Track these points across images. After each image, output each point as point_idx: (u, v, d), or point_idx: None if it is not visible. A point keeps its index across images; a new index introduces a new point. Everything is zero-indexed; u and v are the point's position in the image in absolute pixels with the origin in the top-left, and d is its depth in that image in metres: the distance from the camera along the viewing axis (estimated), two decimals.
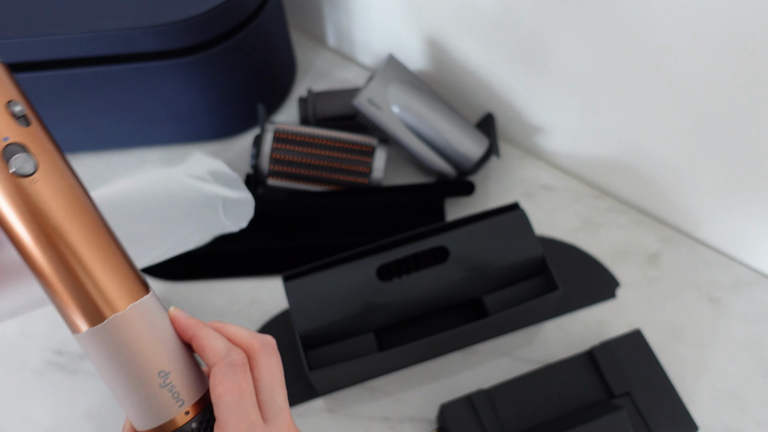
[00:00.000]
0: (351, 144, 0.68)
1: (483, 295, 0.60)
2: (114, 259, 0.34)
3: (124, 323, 0.33)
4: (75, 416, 0.60)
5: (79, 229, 0.33)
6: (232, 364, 0.34)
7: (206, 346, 0.35)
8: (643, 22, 0.52)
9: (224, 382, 0.34)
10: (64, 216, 0.32)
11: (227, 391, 0.33)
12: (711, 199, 0.62)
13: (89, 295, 0.33)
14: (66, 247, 0.32)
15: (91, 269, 0.33)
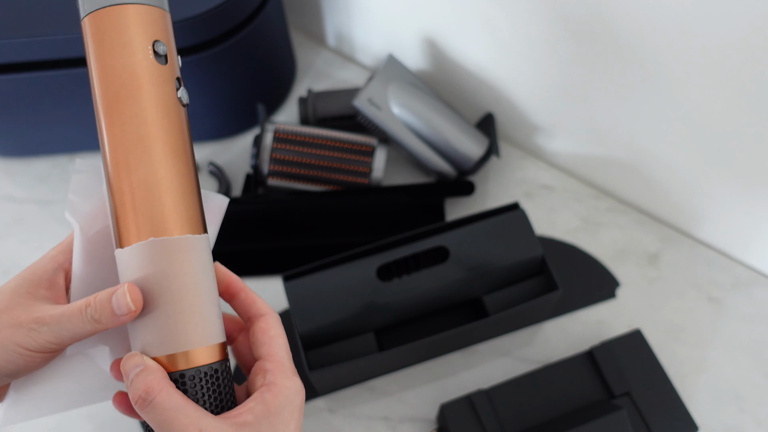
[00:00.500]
0: (351, 144, 0.68)
1: (483, 295, 0.60)
2: (194, 195, 0.37)
3: (199, 244, 0.36)
4: (75, 416, 0.60)
5: (189, 159, 0.37)
6: (279, 319, 0.38)
7: (256, 299, 0.39)
8: (642, 24, 0.52)
9: (277, 328, 0.38)
10: (189, 143, 0.37)
11: (280, 335, 0.37)
12: (711, 199, 0.62)
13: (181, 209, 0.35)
14: (183, 165, 0.36)
15: (183, 193, 0.36)
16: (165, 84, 0.35)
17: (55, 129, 0.72)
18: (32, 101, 0.67)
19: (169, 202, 0.35)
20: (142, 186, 0.34)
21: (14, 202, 0.73)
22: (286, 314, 0.64)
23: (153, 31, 0.35)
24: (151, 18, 0.36)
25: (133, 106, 0.35)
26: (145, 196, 0.34)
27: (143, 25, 0.35)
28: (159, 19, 0.36)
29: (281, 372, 0.35)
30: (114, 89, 0.35)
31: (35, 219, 0.72)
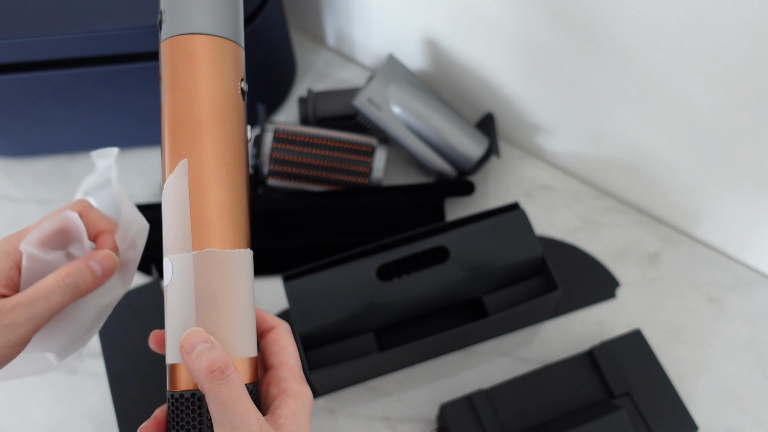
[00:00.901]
0: (351, 144, 0.68)
1: (483, 295, 0.60)
2: (248, 216, 0.39)
3: (245, 259, 0.38)
4: (75, 416, 0.60)
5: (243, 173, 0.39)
6: (290, 329, 0.40)
7: (265, 313, 0.40)
8: (643, 24, 0.52)
9: (287, 338, 0.39)
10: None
11: (291, 345, 0.39)
12: (711, 199, 0.62)
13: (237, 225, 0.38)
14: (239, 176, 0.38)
15: (246, 213, 0.39)
16: (244, 119, 0.39)
17: (55, 129, 0.72)
18: (32, 101, 0.67)
19: (235, 220, 0.37)
20: (222, 205, 0.37)
21: (14, 202, 0.73)
22: (286, 314, 0.64)
23: (241, 69, 0.39)
24: (239, 56, 0.39)
25: (223, 132, 0.37)
26: (221, 213, 0.37)
27: (236, 61, 0.39)
28: (242, 59, 0.40)
29: (295, 379, 0.37)
30: (205, 111, 0.37)
31: (35, 219, 0.72)
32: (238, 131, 0.39)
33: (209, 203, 0.37)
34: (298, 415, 0.36)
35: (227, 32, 0.38)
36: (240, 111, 0.39)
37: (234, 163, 0.38)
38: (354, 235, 0.68)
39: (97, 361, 0.63)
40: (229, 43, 0.38)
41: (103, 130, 0.73)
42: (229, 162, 0.37)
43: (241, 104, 0.39)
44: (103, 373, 0.62)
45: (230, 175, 0.37)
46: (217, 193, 0.37)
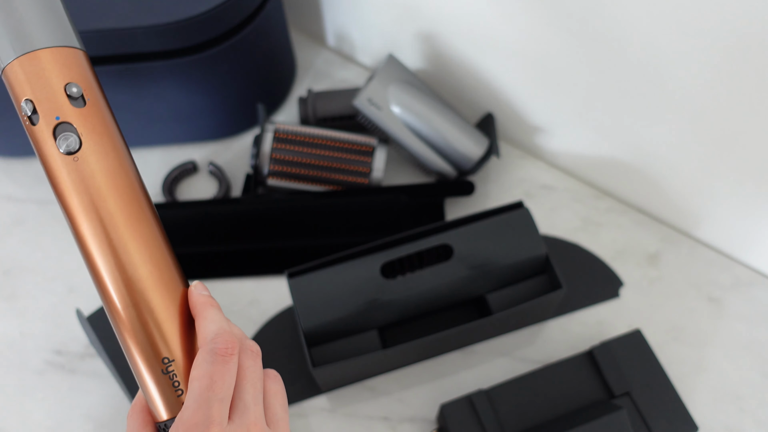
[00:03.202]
0: (351, 144, 0.68)
1: (486, 294, 0.60)
2: (154, 244, 0.35)
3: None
4: (75, 416, 0.60)
5: (115, 207, 0.34)
6: (213, 351, 0.33)
7: (200, 327, 0.35)
8: (643, 24, 0.52)
9: (197, 368, 0.33)
10: (100, 194, 0.34)
11: (196, 378, 0.33)
12: (711, 199, 0.62)
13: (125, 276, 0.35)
14: (101, 222, 0.34)
15: (126, 248, 0.34)
16: (45, 144, 0.34)
17: None
18: None
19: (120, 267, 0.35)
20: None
21: (14, 202, 0.73)
22: (290, 311, 0.64)
23: (19, 92, 0.34)
24: (15, 77, 0.34)
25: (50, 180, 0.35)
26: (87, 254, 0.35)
27: (12, 90, 0.34)
28: (23, 73, 0.34)
29: (174, 426, 0.32)
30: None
31: (35, 219, 0.72)
32: (43, 159, 0.34)
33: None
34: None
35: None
36: (32, 136, 0.34)
37: (59, 194, 0.34)
38: (354, 235, 0.68)
39: (97, 361, 0.63)
40: (14, 62, 0.33)
41: None
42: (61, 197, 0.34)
43: (29, 129, 0.34)
44: (104, 373, 0.62)
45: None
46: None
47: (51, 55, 0.34)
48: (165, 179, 0.72)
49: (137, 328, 0.34)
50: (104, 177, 0.34)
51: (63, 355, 0.63)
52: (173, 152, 0.75)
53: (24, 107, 0.33)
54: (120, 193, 0.34)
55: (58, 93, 0.33)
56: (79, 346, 0.64)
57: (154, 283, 0.35)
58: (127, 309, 0.34)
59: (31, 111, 0.33)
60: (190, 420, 0.31)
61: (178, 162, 0.74)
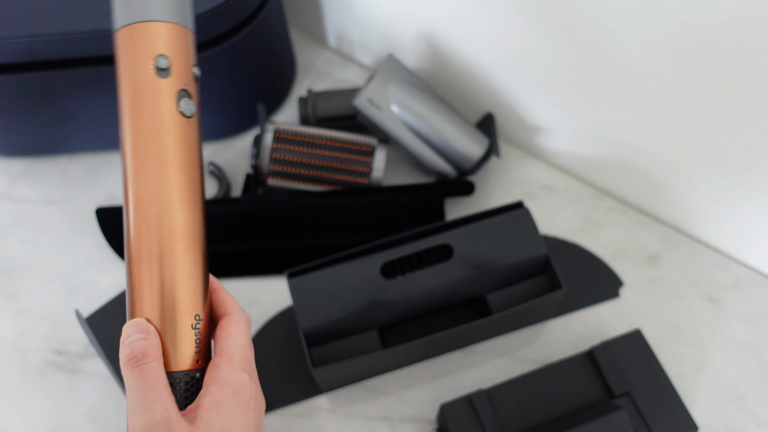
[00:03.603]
0: (351, 144, 0.68)
1: (487, 294, 0.60)
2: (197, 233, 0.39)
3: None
4: (75, 416, 0.60)
5: (196, 169, 0.39)
6: (246, 319, 0.39)
7: (227, 298, 0.40)
8: (643, 24, 0.52)
9: (238, 326, 0.39)
10: (194, 155, 0.40)
11: (239, 333, 0.38)
12: (711, 199, 0.62)
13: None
14: (191, 177, 0.39)
15: (198, 206, 0.39)
16: (165, 97, 0.38)
17: (55, 129, 0.72)
18: (32, 101, 0.67)
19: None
20: (144, 194, 0.37)
21: (14, 202, 0.73)
22: (290, 311, 0.64)
23: (157, 46, 0.38)
24: (156, 33, 0.38)
25: (134, 120, 0.38)
26: (142, 205, 0.37)
27: (147, 41, 0.38)
28: (165, 33, 0.38)
29: (229, 366, 0.37)
30: (123, 104, 0.38)
31: (35, 219, 0.72)
32: (152, 114, 0.38)
33: (132, 192, 0.38)
34: (221, 404, 0.35)
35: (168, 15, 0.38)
36: (153, 91, 0.38)
37: (150, 148, 0.37)
38: (354, 235, 0.68)
39: (97, 361, 0.63)
40: (138, 25, 0.38)
41: (103, 130, 0.73)
42: (141, 149, 0.37)
43: (156, 83, 0.38)
44: (104, 373, 0.62)
45: (146, 163, 0.38)
46: (140, 184, 0.38)
47: (190, 36, 0.40)
48: None
49: (190, 276, 0.38)
50: (196, 144, 0.40)
51: (63, 355, 0.63)
52: None
53: (159, 60, 0.38)
54: (197, 158, 0.40)
55: (190, 66, 0.39)
56: (79, 346, 0.64)
57: (198, 242, 0.38)
58: (192, 259, 0.38)
59: (165, 66, 0.38)
60: (244, 363, 0.38)
61: None
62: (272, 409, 0.60)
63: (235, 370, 0.37)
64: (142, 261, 0.37)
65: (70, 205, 0.72)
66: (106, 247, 0.69)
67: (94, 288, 0.67)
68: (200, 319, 0.38)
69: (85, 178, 0.74)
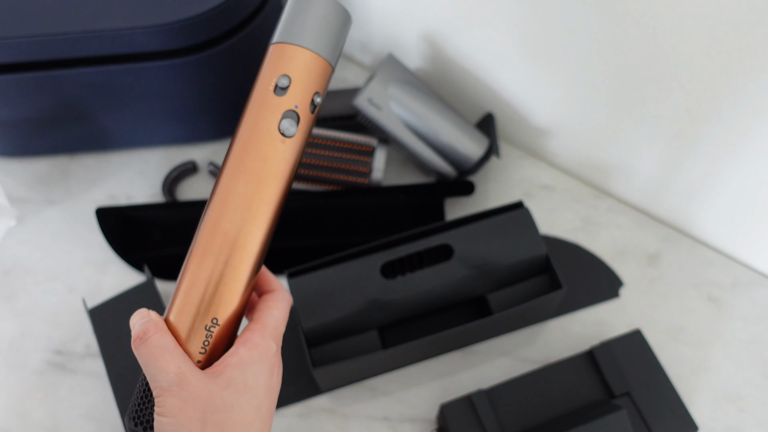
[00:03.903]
0: (351, 144, 0.68)
1: (487, 294, 0.60)
2: (268, 229, 0.42)
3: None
4: (75, 416, 0.60)
5: (275, 187, 0.41)
6: (288, 299, 0.42)
7: (272, 278, 0.43)
8: (643, 24, 0.52)
9: (279, 303, 0.41)
10: (279, 174, 0.41)
11: (278, 308, 0.40)
12: (711, 199, 0.62)
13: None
14: (257, 192, 0.40)
15: (254, 220, 0.41)
16: (271, 113, 0.40)
17: (55, 129, 0.72)
18: (32, 101, 0.67)
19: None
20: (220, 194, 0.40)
21: (14, 202, 0.73)
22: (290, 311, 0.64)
23: (287, 67, 0.40)
24: (294, 57, 0.41)
25: (242, 126, 0.41)
26: (215, 204, 0.40)
27: (283, 61, 0.41)
28: (302, 59, 0.41)
29: (261, 333, 0.38)
30: (245, 110, 0.42)
31: (35, 219, 0.72)
32: (258, 134, 0.40)
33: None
34: (246, 363, 0.37)
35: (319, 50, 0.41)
36: (266, 105, 0.40)
37: (246, 166, 0.40)
38: (354, 235, 0.68)
39: (97, 361, 0.63)
40: (280, 46, 0.41)
41: (103, 130, 0.73)
42: (239, 165, 0.40)
43: (271, 98, 0.40)
44: (103, 373, 0.62)
45: (235, 170, 0.40)
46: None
47: (323, 67, 0.41)
48: (165, 179, 0.72)
49: (231, 284, 0.39)
50: (287, 164, 0.40)
51: (63, 355, 0.63)
52: (173, 152, 0.75)
53: (281, 79, 0.40)
54: (284, 177, 0.41)
55: (310, 93, 0.41)
56: (79, 346, 0.64)
57: (250, 254, 0.40)
58: (219, 262, 0.39)
59: (285, 86, 0.40)
60: (275, 334, 0.39)
61: (178, 162, 0.74)
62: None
63: (265, 338, 0.38)
64: (198, 254, 0.39)
65: (70, 205, 0.72)
66: (106, 247, 0.69)
67: (94, 288, 0.67)
68: (217, 324, 0.38)
69: (85, 178, 0.74)
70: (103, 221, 0.69)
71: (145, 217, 0.70)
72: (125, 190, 0.73)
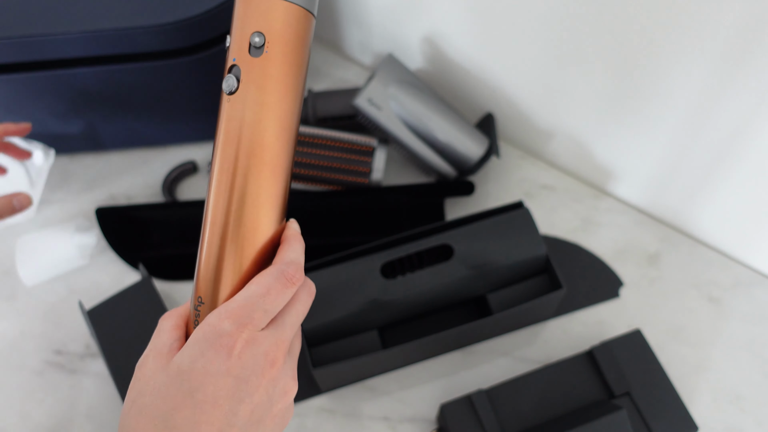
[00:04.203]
0: (351, 144, 0.68)
1: (487, 294, 0.60)
2: (267, 200, 0.37)
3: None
4: (75, 416, 0.60)
5: (247, 152, 0.36)
6: (282, 272, 0.36)
7: (282, 250, 0.37)
8: (643, 23, 0.52)
9: (262, 277, 0.36)
10: (242, 135, 0.36)
11: (255, 283, 0.35)
12: (711, 199, 0.62)
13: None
14: (226, 159, 0.36)
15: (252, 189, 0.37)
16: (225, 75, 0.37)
17: (55, 129, 0.72)
18: (32, 101, 0.67)
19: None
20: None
21: None
22: None
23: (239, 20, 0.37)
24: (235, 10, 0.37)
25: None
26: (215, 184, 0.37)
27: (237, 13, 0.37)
28: (234, 9, 0.37)
29: (217, 311, 0.35)
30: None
31: (35, 219, 0.72)
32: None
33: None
34: (190, 345, 0.34)
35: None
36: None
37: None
38: (354, 235, 0.68)
39: (98, 361, 0.63)
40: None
41: (103, 130, 0.73)
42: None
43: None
44: (103, 373, 0.62)
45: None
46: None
47: (262, 3, 0.36)
48: (165, 179, 0.72)
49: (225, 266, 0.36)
50: (247, 124, 0.36)
51: (63, 355, 0.63)
52: (173, 152, 0.76)
53: (228, 38, 0.37)
54: (258, 141, 0.36)
55: (245, 38, 0.36)
56: (79, 346, 0.64)
57: (246, 235, 0.36)
58: (239, 257, 0.36)
59: (228, 45, 0.37)
60: (234, 312, 0.34)
61: (178, 162, 0.74)
62: None
63: (217, 316, 0.34)
64: (206, 241, 0.37)
65: (70, 205, 0.72)
66: (106, 247, 0.69)
67: (95, 288, 0.67)
68: (202, 302, 0.37)
69: (85, 178, 0.74)
70: (103, 221, 0.69)
71: (144, 217, 0.70)
72: (125, 190, 0.73)
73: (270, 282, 0.35)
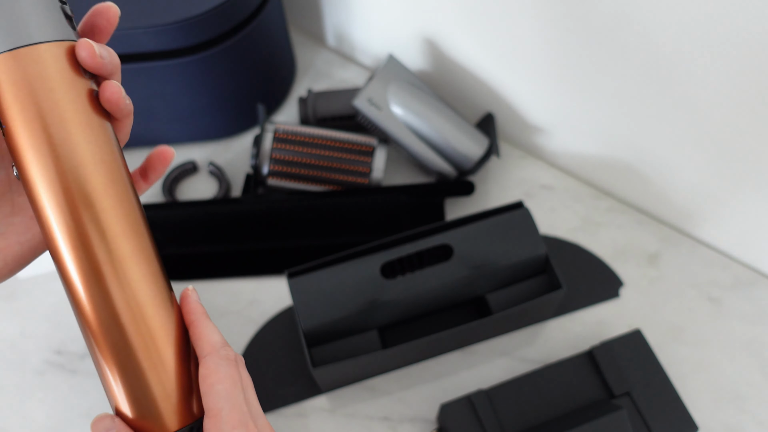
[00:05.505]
0: (351, 144, 0.68)
1: (486, 294, 0.60)
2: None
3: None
4: (75, 416, 0.60)
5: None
6: (227, 357, 0.34)
7: (203, 334, 0.34)
8: (644, 23, 0.52)
9: (218, 372, 0.33)
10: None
11: (220, 381, 0.33)
12: (711, 199, 0.62)
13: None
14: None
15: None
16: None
17: None
18: None
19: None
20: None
21: None
22: (290, 311, 0.64)
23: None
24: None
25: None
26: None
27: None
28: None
29: (216, 428, 0.32)
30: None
31: None
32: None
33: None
34: None
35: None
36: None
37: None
38: (354, 235, 0.68)
39: None
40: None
41: None
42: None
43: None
44: None
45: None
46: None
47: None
48: (165, 179, 0.72)
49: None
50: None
51: (63, 355, 0.63)
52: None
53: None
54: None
55: None
56: (79, 346, 0.64)
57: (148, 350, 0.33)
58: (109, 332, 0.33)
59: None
60: (232, 419, 0.32)
61: (178, 162, 0.74)
62: (272, 409, 0.60)
63: (226, 428, 0.32)
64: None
65: None
66: None
67: None
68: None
69: None
70: None
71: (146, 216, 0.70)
72: None
73: (227, 371, 0.34)
